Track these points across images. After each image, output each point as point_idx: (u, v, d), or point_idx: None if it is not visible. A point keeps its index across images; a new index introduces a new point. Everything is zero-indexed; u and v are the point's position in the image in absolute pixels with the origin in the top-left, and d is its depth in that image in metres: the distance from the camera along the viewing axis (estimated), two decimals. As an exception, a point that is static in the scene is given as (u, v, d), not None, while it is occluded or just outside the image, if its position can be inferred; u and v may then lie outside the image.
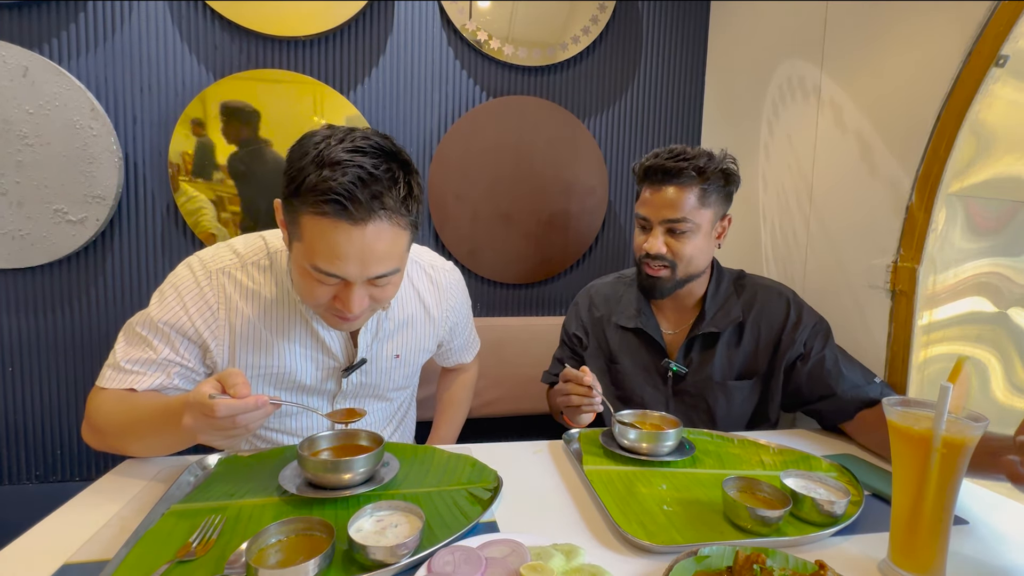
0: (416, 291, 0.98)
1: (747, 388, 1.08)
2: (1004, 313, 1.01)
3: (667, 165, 1.00)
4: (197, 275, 0.83)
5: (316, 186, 0.67)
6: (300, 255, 0.73)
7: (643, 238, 1.06)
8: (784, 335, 1.04)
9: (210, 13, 1.40)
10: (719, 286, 1.10)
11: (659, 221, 1.02)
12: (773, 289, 1.09)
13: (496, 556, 0.58)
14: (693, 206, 1.01)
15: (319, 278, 0.73)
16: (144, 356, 0.81)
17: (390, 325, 0.94)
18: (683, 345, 1.09)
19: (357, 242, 0.69)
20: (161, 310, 0.81)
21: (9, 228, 1.31)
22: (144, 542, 0.60)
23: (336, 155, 0.68)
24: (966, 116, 0.91)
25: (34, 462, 1.44)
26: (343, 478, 0.70)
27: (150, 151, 1.41)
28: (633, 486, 0.77)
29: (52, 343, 1.41)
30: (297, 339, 0.87)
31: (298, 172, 0.69)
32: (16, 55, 1.26)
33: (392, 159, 0.71)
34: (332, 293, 0.75)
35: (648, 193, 1.04)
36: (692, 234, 1.02)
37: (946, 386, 0.55)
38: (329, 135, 0.71)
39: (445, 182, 1.56)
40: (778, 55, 1.36)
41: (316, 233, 0.69)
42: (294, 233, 0.73)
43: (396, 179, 0.71)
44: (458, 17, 1.51)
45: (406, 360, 0.98)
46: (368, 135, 0.72)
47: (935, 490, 0.56)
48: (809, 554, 0.61)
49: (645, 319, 1.12)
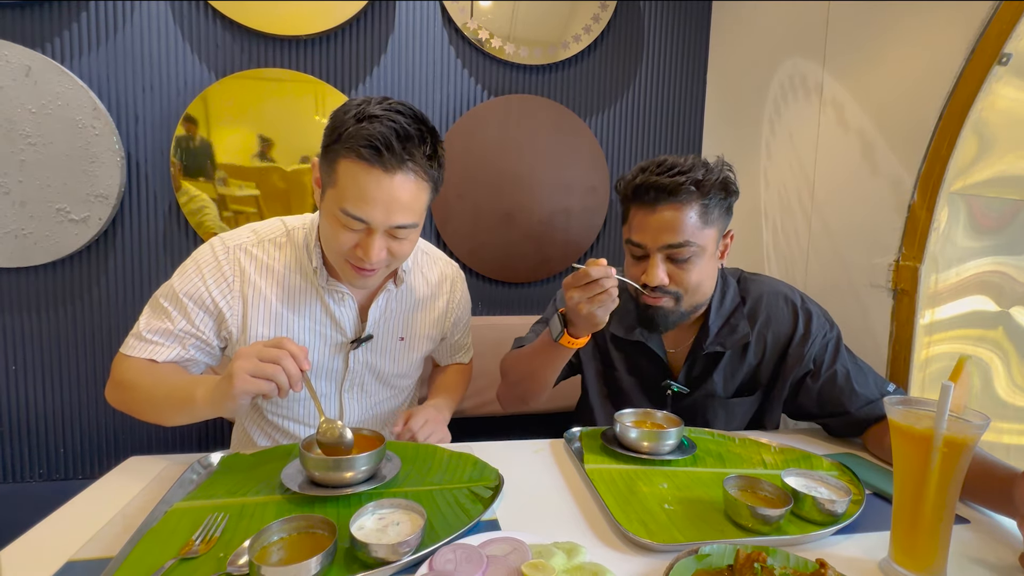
0: (425, 278, 1.04)
1: (748, 403, 1.01)
2: (1006, 312, 1.01)
3: (661, 182, 0.86)
4: (216, 250, 0.90)
5: (356, 133, 0.76)
6: (332, 201, 0.80)
7: (639, 268, 0.92)
8: (792, 348, 0.95)
9: (212, 12, 1.40)
10: (724, 298, 0.99)
11: (658, 248, 0.88)
12: (779, 294, 0.98)
13: (497, 554, 0.58)
14: (695, 226, 0.87)
15: (346, 222, 0.79)
16: (163, 327, 0.86)
17: (397, 306, 0.99)
18: (686, 364, 1.00)
19: (385, 188, 0.77)
20: (181, 281, 0.88)
21: (12, 227, 1.31)
22: (147, 540, 0.60)
23: (375, 111, 0.77)
24: (968, 115, 0.91)
25: (37, 460, 1.45)
26: (345, 476, 0.71)
27: (152, 150, 1.41)
28: (634, 485, 0.77)
29: (55, 342, 1.42)
30: (308, 313, 0.92)
31: (340, 124, 0.78)
32: (19, 55, 1.27)
33: (422, 122, 0.81)
34: (355, 240, 0.81)
35: (640, 216, 0.90)
36: (697, 258, 0.89)
37: (947, 385, 0.55)
38: (369, 99, 0.80)
39: (447, 181, 1.54)
40: (780, 54, 1.36)
41: (349, 177, 0.77)
42: (328, 181, 0.81)
43: (425, 138, 0.80)
44: (459, 16, 1.51)
45: (409, 344, 1.02)
46: (402, 102, 0.81)
47: (936, 489, 0.56)
48: (810, 553, 0.61)
49: (647, 333, 1.00)
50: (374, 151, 0.75)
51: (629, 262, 0.96)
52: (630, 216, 0.94)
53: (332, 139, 0.79)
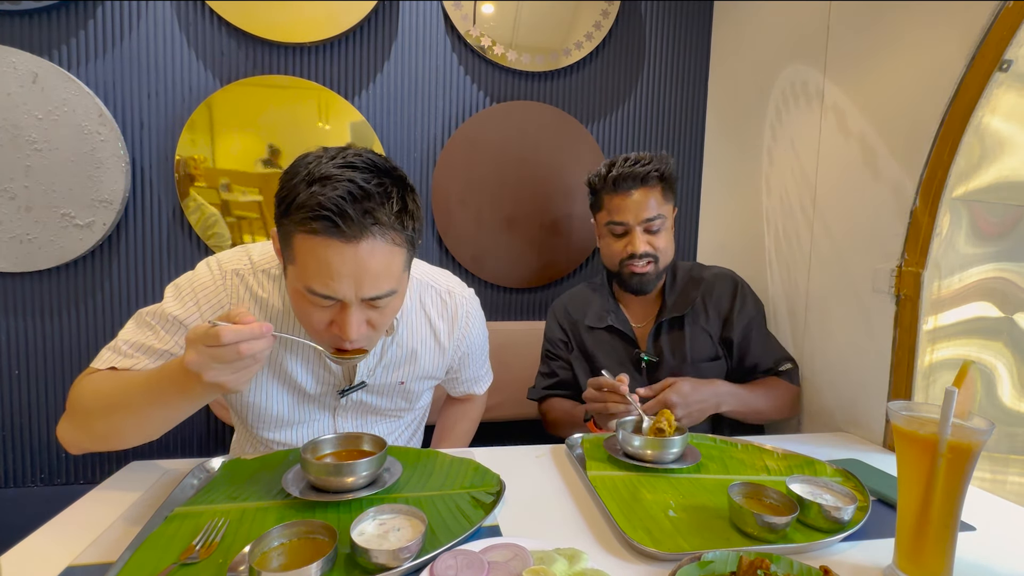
0: (427, 317, 0.94)
1: (716, 368, 1.19)
2: (1009, 318, 1.00)
3: (637, 171, 1.14)
4: (214, 273, 0.84)
5: (305, 203, 0.65)
6: (294, 278, 0.72)
7: (622, 242, 1.18)
8: (732, 317, 1.20)
9: (216, 19, 1.41)
10: (675, 278, 1.25)
11: (638, 223, 1.15)
12: (725, 276, 1.25)
13: (498, 560, 0.57)
14: (661, 203, 1.16)
15: (314, 301, 0.71)
16: (146, 343, 0.79)
17: (397, 352, 0.91)
18: (650, 334, 1.21)
19: (350, 260, 0.67)
20: (176, 304, 0.82)
21: (17, 232, 1.32)
22: (148, 545, 0.60)
23: (327, 171, 0.67)
24: (970, 121, 0.91)
25: (39, 465, 1.44)
26: (346, 481, 0.70)
27: (157, 156, 1.42)
28: (638, 492, 0.76)
29: (58, 346, 1.42)
30: (300, 352, 0.87)
31: (289, 191, 0.68)
32: (26, 61, 1.28)
33: (385, 175, 0.70)
34: (329, 317, 0.73)
35: (619, 200, 1.16)
36: (664, 228, 1.18)
37: (951, 390, 0.55)
38: (321, 154, 0.70)
39: (449, 187, 1.56)
40: (781, 60, 1.36)
41: (308, 252, 0.68)
42: (288, 256, 0.72)
43: (389, 194, 0.69)
44: (462, 23, 1.52)
45: (410, 388, 0.96)
46: (361, 152, 0.71)
47: (941, 495, 0.56)
48: (814, 560, 0.61)
49: (614, 316, 1.23)
50: (328, 221, 0.65)
51: (609, 241, 1.20)
52: (605, 203, 1.20)
53: (282, 210, 0.69)
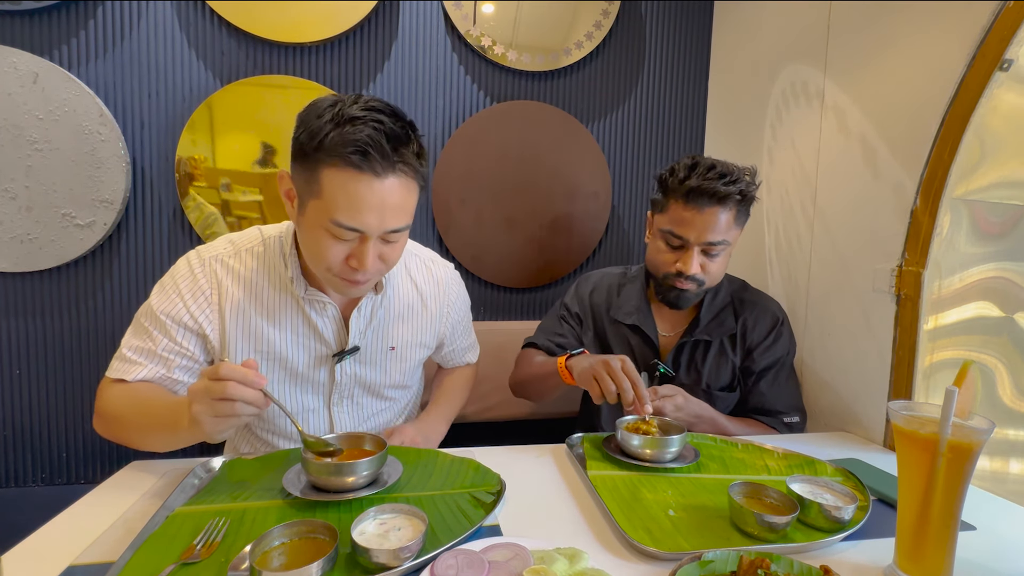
0: (413, 282, 0.98)
1: (730, 399, 1.11)
2: (1010, 318, 1.00)
3: (717, 189, 0.96)
4: (192, 264, 0.86)
5: (340, 139, 0.70)
6: (318, 212, 0.74)
7: (673, 256, 1.03)
8: (757, 351, 1.09)
9: (217, 19, 1.41)
10: (717, 295, 1.11)
11: (699, 243, 1.00)
12: (769, 310, 1.12)
13: (499, 560, 0.57)
14: (730, 226, 1.00)
15: (337, 234, 0.75)
16: (145, 347, 0.83)
17: (384, 314, 0.94)
18: (674, 348, 1.11)
19: (378, 194, 0.73)
20: (160, 300, 0.85)
21: (18, 232, 1.32)
22: (148, 544, 0.60)
23: (354, 112, 0.72)
24: (970, 120, 0.91)
25: (40, 464, 1.45)
26: (347, 481, 0.71)
27: (157, 156, 1.42)
28: (638, 491, 0.76)
29: (59, 346, 1.42)
30: (288, 324, 0.88)
31: (317, 130, 0.72)
32: (27, 61, 1.28)
33: (404, 120, 0.76)
34: (347, 251, 0.77)
35: (688, 214, 0.99)
36: (724, 253, 1.03)
37: (952, 390, 0.55)
38: (340, 98, 0.74)
39: (449, 186, 1.56)
40: (781, 60, 1.36)
41: (338, 187, 0.72)
42: (310, 192, 0.75)
43: (410, 137, 0.76)
44: (462, 23, 1.52)
45: (401, 354, 0.98)
46: (377, 99, 0.76)
47: (941, 495, 0.56)
48: (814, 559, 0.61)
49: (643, 317, 1.13)
50: (363, 156, 0.71)
51: (662, 248, 1.05)
52: (671, 209, 1.02)
53: (311, 147, 0.72)
